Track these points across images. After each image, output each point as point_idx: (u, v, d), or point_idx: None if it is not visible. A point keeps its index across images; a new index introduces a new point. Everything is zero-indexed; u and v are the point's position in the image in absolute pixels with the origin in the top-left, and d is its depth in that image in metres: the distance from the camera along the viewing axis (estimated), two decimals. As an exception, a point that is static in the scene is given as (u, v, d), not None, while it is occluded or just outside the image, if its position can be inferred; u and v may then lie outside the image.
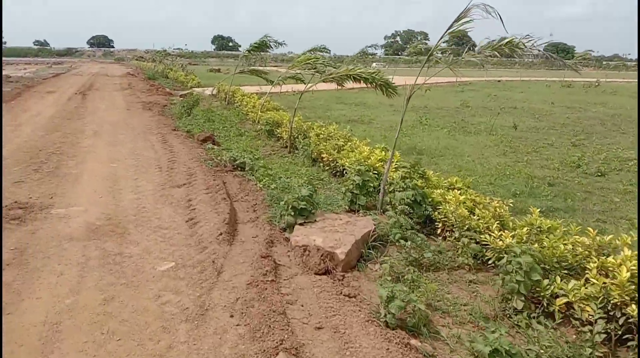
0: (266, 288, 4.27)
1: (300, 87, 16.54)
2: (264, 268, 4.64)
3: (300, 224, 5.53)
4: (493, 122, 14.85)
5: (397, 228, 5.52)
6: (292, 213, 5.57)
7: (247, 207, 6.67)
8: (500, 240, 4.74)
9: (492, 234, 4.87)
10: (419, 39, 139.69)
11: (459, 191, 6.03)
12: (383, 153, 7.70)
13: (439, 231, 5.78)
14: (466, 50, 6.24)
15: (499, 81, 40.60)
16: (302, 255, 4.99)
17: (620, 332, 3.67)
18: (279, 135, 11.45)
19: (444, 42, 6.41)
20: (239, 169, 8.66)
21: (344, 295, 4.36)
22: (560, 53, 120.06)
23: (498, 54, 6.16)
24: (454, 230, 5.45)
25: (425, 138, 12.69)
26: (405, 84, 6.42)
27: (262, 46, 16.93)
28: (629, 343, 3.59)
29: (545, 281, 4.12)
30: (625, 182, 8.57)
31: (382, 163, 7.29)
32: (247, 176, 8.25)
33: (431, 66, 6.42)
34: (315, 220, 5.62)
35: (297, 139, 10.32)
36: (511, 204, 5.56)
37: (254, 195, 7.16)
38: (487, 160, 10.31)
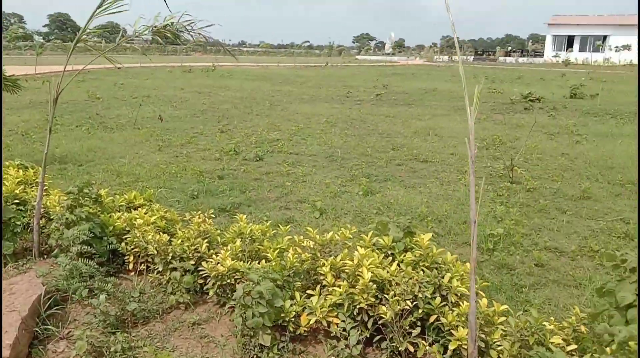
0: None
1: None
2: None
3: None
4: (135, 114, 13.69)
5: (77, 280, 4.01)
6: None
7: None
8: (221, 264, 3.95)
9: (209, 260, 4.03)
10: (12, 22, 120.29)
11: (144, 210, 4.90)
12: (21, 171, 5.67)
13: (131, 266, 4.55)
14: (120, 37, 5.01)
15: (119, 67, 38.84)
16: None
17: (368, 336, 3.49)
18: None
19: (95, 28, 5.04)
20: None
21: None
22: (170, 38, 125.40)
23: (161, 38, 5.25)
24: (154, 261, 4.34)
25: (62, 141, 10.52)
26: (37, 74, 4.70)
27: None
28: (383, 345, 3.44)
29: (288, 303, 3.59)
30: (283, 163, 9.07)
31: (24, 187, 5.34)
32: None
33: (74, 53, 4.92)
34: (-64, 306, 3.49)
35: None
36: (213, 216, 4.82)
37: None
38: (145, 159, 9.25)
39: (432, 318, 3.33)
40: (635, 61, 63.69)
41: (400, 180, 8.04)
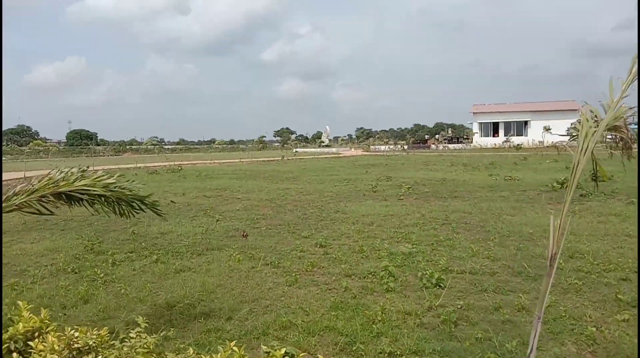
0: None
1: None
2: None
3: None
4: (214, 226, 10.91)
5: None
6: None
7: None
8: None
9: None
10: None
11: None
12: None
13: None
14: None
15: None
16: None
17: None
18: None
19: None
20: None
21: None
22: (84, 139, 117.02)
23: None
24: None
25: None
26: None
27: None
28: None
29: None
30: (487, 290, 6.83)
31: None
32: None
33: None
34: None
35: None
36: None
37: None
38: (300, 301, 6.67)
39: None
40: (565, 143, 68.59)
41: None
